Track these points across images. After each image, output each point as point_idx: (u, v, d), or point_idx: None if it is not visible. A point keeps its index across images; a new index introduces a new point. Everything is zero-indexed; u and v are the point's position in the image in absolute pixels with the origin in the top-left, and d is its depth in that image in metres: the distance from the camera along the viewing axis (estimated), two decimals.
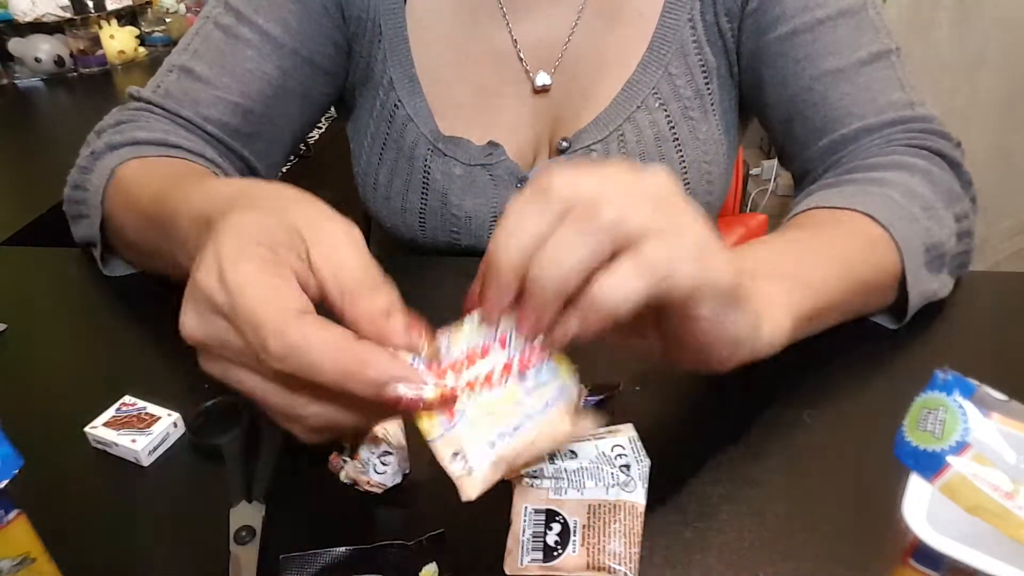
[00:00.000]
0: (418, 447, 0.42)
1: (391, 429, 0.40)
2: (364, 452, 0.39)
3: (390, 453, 0.39)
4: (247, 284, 0.30)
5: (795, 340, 0.43)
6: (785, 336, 0.41)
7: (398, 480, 0.40)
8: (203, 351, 0.33)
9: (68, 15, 1.55)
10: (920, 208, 0.53)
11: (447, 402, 0.32)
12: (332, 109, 0.79)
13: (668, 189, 0.33)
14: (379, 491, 0.40)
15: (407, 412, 0.32)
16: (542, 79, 0.68)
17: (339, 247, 0.33)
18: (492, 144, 0.69)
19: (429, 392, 0.31)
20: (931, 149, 0.58)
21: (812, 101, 0.62)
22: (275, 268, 0.31)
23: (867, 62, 0.60)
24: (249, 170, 0.69)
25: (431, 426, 0.33)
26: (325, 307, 0.33)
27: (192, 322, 0.32)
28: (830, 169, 0.62)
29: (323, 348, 0.29)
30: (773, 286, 0.42)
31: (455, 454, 0.32)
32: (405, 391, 0.30)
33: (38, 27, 1.53)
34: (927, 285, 0.53)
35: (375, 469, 0.39)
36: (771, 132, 0.69)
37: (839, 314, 0.50)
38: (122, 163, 0.58)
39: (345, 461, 0.40)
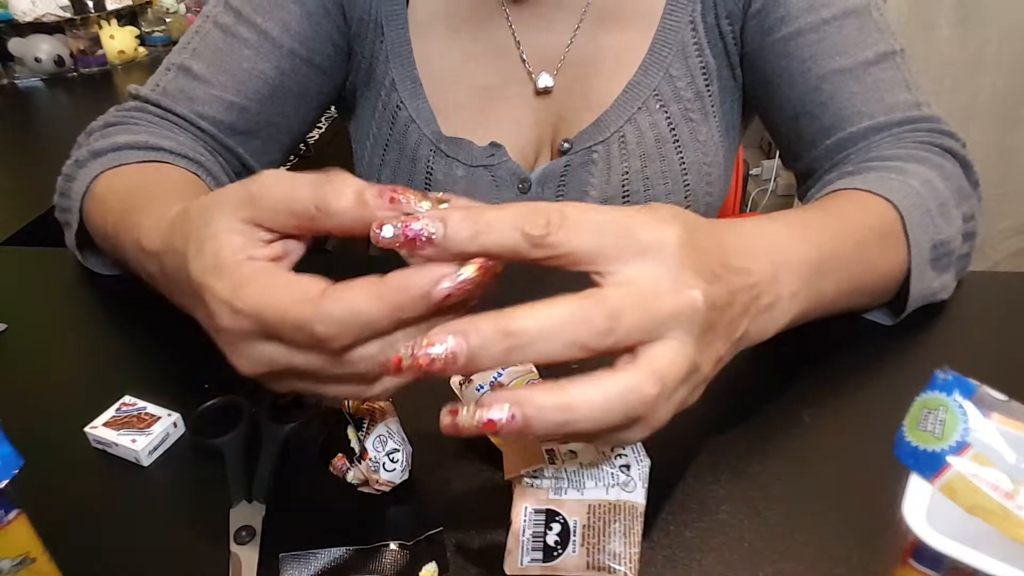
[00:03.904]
0: (419, 445, 0.42)
1: (393, 427, 0.40)
2: (372, 452, 0.39)
3: (397, 450, 0.40)
4: (259, 300, 0.31)
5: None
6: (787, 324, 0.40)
7: (405, 476, 0.41)
8: (268, 379, 0.34)
9: (68, 15, 1.55)
10: (935, 203, 0.53)
11: (488, 273, 0.32)
12: (333, 109, 0.79)
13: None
14: (387, 489, 0.40)
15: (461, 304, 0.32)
16: (544, 81, 0.68)
17: (271, 188, 0.32)
18: (494, 145, 0.69)
19: (469, 271, 0.31)
20: (942, 147, 0.58)
21: (820, 100, 0.62)
22: (268, 271, 0.32)
23: (874, 62, 0.60)
24: (245, 168, 0.68)
25: None
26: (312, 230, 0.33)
27: (243, 363, 0.33)
28: (836, 167, 0.62)
29: (365, 304, 0.30)
30: (788, 285, 0.40)
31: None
32: (450, 284, 0.30)
33: (38, 27, 1.53)
34: (929, 283, 0.53)
35: (384, 467, 0.39)
36: (776, 131, 0.68)
37: (838, 284, 0.47)
38: (100, 173, 0.57)
39: (357, 462, 0.40)
